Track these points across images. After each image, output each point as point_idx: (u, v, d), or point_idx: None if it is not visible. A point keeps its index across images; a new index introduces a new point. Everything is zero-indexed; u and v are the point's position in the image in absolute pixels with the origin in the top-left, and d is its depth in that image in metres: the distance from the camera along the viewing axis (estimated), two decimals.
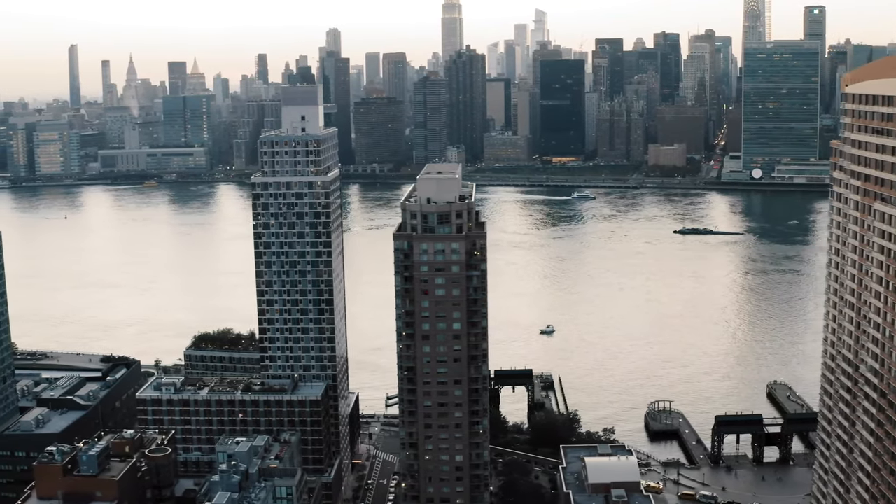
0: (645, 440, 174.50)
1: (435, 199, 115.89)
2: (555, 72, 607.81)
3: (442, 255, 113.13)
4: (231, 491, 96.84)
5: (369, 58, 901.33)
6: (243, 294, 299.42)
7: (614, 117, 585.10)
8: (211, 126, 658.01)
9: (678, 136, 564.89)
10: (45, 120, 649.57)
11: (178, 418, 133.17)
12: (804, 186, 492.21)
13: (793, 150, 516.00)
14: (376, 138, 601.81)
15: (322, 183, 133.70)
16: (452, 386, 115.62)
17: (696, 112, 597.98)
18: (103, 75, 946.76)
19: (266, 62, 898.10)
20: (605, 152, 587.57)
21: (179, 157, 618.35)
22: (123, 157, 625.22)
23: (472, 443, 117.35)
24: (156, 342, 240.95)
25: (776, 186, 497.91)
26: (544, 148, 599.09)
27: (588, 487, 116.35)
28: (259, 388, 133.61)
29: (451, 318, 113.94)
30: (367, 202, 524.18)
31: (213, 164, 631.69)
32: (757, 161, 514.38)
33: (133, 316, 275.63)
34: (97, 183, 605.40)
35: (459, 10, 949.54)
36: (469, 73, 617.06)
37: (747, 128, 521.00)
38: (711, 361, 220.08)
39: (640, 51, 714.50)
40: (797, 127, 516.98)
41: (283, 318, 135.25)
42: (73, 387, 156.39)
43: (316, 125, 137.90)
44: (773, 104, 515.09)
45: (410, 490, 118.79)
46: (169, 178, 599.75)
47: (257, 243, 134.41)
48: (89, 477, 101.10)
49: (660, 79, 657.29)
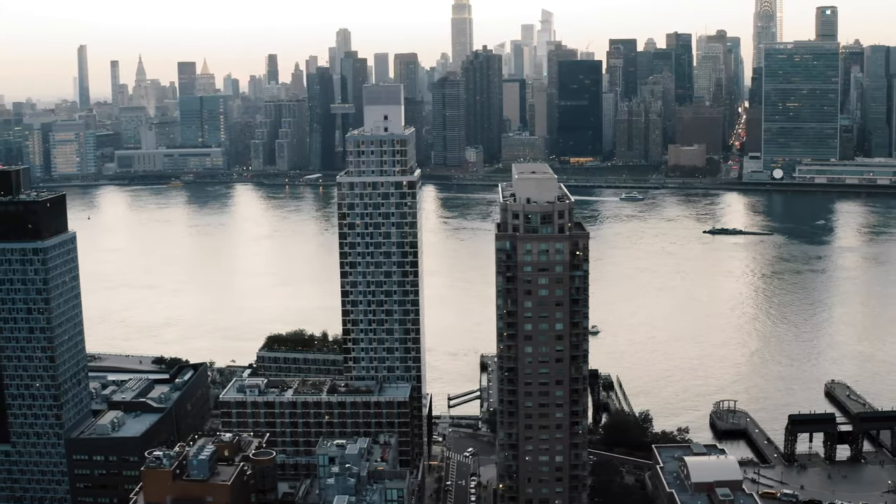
0: (710, 440, 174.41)
1: (535, 199, 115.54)
2: (572, 72, 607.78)
3: (545, 256, 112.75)
4: (348, 494, 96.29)
5: (378, 58, 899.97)
6: (282, 295, 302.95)
7: (632, 118, 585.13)
8: (227, 126, 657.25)
9: (696, 137, 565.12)
10: (61, 120, 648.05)
11: (262, 420, 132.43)
12: (825, 187, 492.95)
13: (812, 151, 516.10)
14: None
15: (408, 183, 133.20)
16: (554, 386, 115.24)
17: (714, 112, 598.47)
18: (112, 76, 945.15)
19: (276, 62, 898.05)
20: (624, 153, 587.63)
21: (196, 158, 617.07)
22: (140, 158, 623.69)
23: (572, 443, 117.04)
24: (198, 342, 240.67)
25: (797, 187, 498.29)
26: (562, 148, 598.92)
27: (690, 486, 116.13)
28: (344, 389, 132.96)
29: (554, 318, 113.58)
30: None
31: (229, 164, 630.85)
32: (777, 161, 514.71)
33: (171, 317, 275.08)
34: (114, 183, 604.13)
35: (469, 10, 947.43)
36: (486, 73, 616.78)
37: (767, 128, 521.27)
38: (763, 360, 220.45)
39: (653, 51, 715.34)
40: (817, 127, 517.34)
41: (368, 319, 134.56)
42: (143, 389, 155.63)
43: (399, 124, 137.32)
44: (794, 105, 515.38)
45: (508, 491, 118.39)
46: (187, 179, 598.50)
47: (342, 244, 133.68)
48: (200, 482, 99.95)
49: (674, 79, 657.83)
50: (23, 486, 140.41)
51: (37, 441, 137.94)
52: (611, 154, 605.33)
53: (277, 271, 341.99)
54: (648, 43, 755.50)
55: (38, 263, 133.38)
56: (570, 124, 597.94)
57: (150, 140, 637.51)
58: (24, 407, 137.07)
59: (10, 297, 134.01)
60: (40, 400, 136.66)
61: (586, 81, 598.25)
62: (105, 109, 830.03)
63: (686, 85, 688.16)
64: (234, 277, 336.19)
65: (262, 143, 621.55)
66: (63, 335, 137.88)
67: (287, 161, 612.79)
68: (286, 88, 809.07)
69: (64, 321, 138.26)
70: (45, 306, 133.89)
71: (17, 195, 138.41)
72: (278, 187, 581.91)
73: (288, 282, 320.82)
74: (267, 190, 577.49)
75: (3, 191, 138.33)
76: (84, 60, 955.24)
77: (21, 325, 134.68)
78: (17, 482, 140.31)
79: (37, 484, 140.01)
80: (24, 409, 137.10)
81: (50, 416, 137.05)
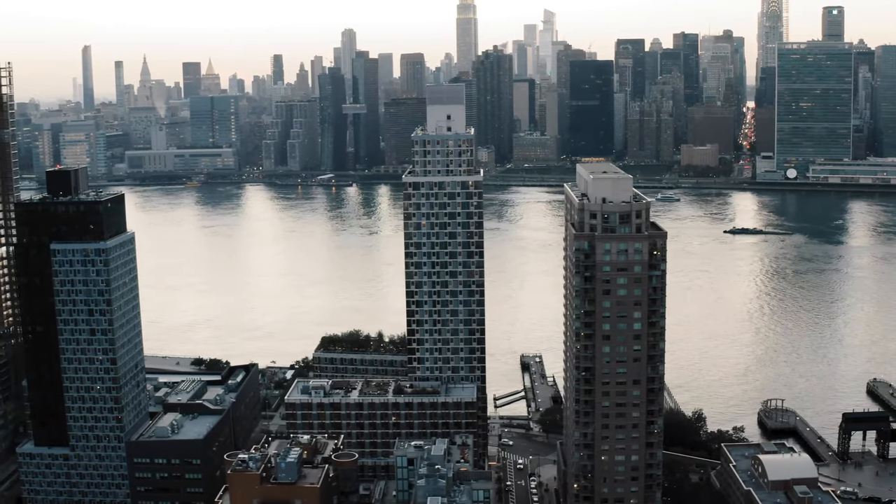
0: (759, 438, 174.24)
1: (611, 199, 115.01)
2: (583, 72, 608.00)
3: (624, 256, 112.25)
4: (440, 495, 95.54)
5: (382, 58, 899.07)
6: (307, 295, 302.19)
7: (644, 117, 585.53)
8: (237, 127, 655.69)
9: (707, 137, 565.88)
10: (71, 121, 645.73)
11: (328, 422, 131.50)
12: (838, 186, 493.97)
13: (825, 151, 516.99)
14: (406, 139, 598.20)
15: (474, 183, 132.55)
16: (631, 386, 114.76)
17: (726, 112, 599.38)
18: (116, 76, 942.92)
19: (282, 62, 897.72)
20: (635, 152, 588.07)
21: (207, 158, 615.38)
22: (150, 158, 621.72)
23: (648, 442, 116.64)
24: (231, 344, 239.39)
25: (811, 186, 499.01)
26: (573, 148, 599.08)
27: (767, 485, 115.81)
28: (410, 390, 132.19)
29: (632, 317, 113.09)
30: (400, 203, 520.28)
31: (240, 164, 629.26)
32: (790, 161, 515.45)
33: (199, 318, 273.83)
34: (125, 184, 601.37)
35: (474, 10, 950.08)
36: (496, 73, 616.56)
37: (780, 128, 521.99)
38: (801, 360, 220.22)
39: (661, 51, 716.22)
40: (830, 127, 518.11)
41: (433, 319, 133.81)
42: (197, 391, 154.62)
43: (461, 124, 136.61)
44: (806, 105, 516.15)
45: (584, 491, 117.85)
46: (198, 179, 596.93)
47: (407, 244, 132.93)
48: (288, 484, 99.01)
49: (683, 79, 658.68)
50: (81, 489, 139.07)
51: (97, 444, 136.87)
52: (622, 154, 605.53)
53: (301, 272, 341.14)
54: (654, 43, 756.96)
55: (101, 264, 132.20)
56: (581, 124, 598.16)
57: (161, 140, 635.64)
58: (83, 410, 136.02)
59: (70, 299, 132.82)
60: (101, 402, 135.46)
61: (598, 81, 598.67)
62: (110, 110, 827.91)
63: (694, 85, 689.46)
64: (257, 278, 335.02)
65: (274, 144, 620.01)
66: (123, 337, 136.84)
67: (299, 161, 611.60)
68: (292, 88, 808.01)
69: (124, 322, 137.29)
70: (107, 307, 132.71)
71: (77, 195, 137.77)
72: (290, 188, 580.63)
73: (312, 283, 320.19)
74: (279, 190, 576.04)
75: (63, 191, 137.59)
76: (88, 61, 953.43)
77: (82, 327, 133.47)
78: (76, 486, 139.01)
79: (96, 488, 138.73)
80: (84, 411, 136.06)
81: (111, 418, 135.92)
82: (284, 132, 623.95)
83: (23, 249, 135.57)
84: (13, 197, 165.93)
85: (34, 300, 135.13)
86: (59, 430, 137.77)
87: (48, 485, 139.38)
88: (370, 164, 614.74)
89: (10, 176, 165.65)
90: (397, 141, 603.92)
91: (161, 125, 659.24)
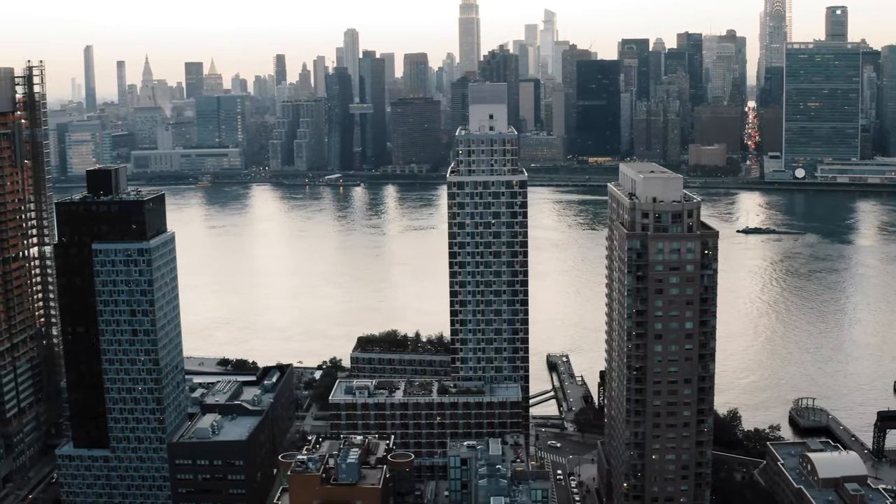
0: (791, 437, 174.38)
1: (661, 199, 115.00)
2: (590, 72, 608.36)
3: (677, 255, 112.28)
4: (502, 495, 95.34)
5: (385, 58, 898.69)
6: (323, 295, 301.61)
7: (651, 117, 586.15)
8: (244, 126, 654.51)
9: (714, 137, 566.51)
10: (77, 121, 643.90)
11: (372, 422, 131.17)
12: (846, 186, 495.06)
13: (832, 151, 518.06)
14: (413, 139, 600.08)
15: (519, 182, 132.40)
16: (682, 385, 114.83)
17: (732, 112, 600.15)
18: (118, 76, 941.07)
19: (284, 62, 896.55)
20: (642, 152, 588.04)
21: (214, 158, 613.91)
22: (156, 158, 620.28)
23: (698, 441, 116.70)
24: (253, 344, 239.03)
25: (819, 186, 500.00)
26: (580, 148, 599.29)
27: (818, 482, 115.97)
28: (455, 390, 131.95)
29: (684, 316, 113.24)
30: (408, 203, 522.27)
31: (246, 164, 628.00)
32: (798, 161, 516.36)
33: (217, 318, 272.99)
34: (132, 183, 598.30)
35: (477, 10, 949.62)
36: (503, 73, 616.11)
37: (788, 128, 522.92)
38: (825, 359, 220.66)
39: (664, 51, 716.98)
40: (838, 127, 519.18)
41: (476, 319, 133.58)
42: (234, 392, 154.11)
43: (504, 123, 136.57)
44: (815, 104, 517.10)
45: (633, 490, 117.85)
46: (206, 179, 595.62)
47: (451, 243, 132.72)
48: (349, 485, 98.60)
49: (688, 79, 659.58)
50: (121, 491, 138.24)
51: (138, 446, 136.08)
52: (628, 153, 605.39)
53: (313, 272, 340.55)
54: (657, 43, 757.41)
55: (144, 264, 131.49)
56: (588, 124, 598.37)
57: (167, 140, 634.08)
58: (125, 411, 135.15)
59: (112, 300, 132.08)
60: (142, 404, 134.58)
61: (605, 81, 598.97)
62: (113, 110, 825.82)
63: (698, 85, 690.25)
64: (270, 278, 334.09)
65: (281, 144, 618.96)
66: (165, 337, 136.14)
67: (306, 161, 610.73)
68: (295, 88, 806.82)
69: (166, 323, 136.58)
70: (149, 308, 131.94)
71: (118, 194, 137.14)
72: (297, 188, 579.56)
73: (325, 283, 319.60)
74: (286, 190, 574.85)
75: (104, 190, 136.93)
76: (90, 61, 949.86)
77: (124, 328, 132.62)
78: (116, 488, 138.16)
79: (136, 490, 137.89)
80: (126, 413, 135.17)
81: (152, 419, 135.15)
82: (291, 132, 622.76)
83: (63, 249, 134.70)
84: (46, 197, 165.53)
85: (75, 300, 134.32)
86: (99, 431, 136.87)
87: (87, 487, 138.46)
88: (377, 164, 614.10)
89: (44, 175, 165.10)
90: (404, 141, 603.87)
91: (167, 125, 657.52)
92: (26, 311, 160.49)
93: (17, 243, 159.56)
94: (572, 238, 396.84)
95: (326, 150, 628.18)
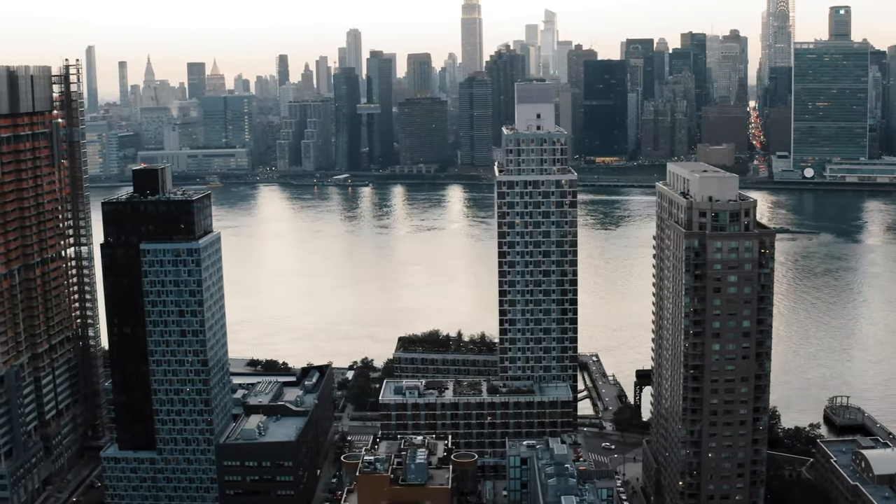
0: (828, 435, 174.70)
1: (717, 198, 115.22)
2: (597, 72, 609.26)
3: (735, 254, 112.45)
4: (573, 494, 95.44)
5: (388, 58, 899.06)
6: (344, 295, 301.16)
7: (658, 117, 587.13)
8: (251, 127, 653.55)
9: (721, 136, 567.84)
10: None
11: (422, 422, 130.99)
12: (855, 186, 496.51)
13: (841, 150, 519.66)
14: (420, 139, 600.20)
15: (568, 181, 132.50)
16: (739, 383, 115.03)
17: (739, 112, 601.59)
18: (120, 76, 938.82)
19: (287, 63, 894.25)
20: (650, 152, 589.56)
21: (221, 159, 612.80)
22: (163, 159, 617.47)
23: (754, 439, 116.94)
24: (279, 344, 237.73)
25: (829, 186, 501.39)
26: (588, 148, 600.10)
27: (873, 479, 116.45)
28: (505, 390, 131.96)
29: (742, 315, 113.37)
30: (416, 203, 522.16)
31: (253, 165, 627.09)
32: (807, 161, 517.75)
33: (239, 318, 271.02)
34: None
35: (479, 10, 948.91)
36: (509, 73, 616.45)
37: (797, 127, 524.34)
38: (850, 358, 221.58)
39: (669, 51, 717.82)
40: (846, 126, 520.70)
41: (525, 318, 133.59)
42: (276, 393, 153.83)
43: (551, 123, 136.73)
44: (823, 104, 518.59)
45: (689, 488, 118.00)
46: (215, 179, 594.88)
47: (501, 243, 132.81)
48: (419, 486, 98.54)
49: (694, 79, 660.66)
50: (168, 494, 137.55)
51: (185, 448, 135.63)
52: (635, 153, 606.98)
53: (329, 272, 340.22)
54: (661, 43, 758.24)
55: (192, 264, 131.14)
56: (596, 124, 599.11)
57: (174, 141, 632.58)
58: (172, 413, 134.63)
59: (161, 300, 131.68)
60: (190, 405, 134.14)
61: (612, 81, 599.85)
62: (117, 110, 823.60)
63: (702, 84, 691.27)
64: (286, 278, 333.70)
65: (289, 144, 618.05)
66: (212, 338, 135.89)
67: (313, 161, 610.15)
68: (297, 89, 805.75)
69: (213, 323, 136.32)
70: (198, 308, 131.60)
71: (165, 193, 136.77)
72: (305, 188, 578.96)
73: (342, 283, 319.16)
74: (294, 191, 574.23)
75: (150, 190, 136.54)
76: (92, 61, 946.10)
77: (172, 329, 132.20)
78: (163, 490, 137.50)
79: (183, 492, 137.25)
80: (173, 414, 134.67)
81: (200, 421, 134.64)
82: (298, 132, 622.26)
83: (110, 249, 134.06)
84: (83, 197, 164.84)
85: (122, 301, 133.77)
86: (145, 433, 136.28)
87: (133, 489, 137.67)
88: (384, 165, 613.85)
89: (81, 175, 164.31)
90: (411, 141, 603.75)
91: (174, 125, 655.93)
92: (63, 312, 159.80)
93: (55, 244, 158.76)
94: (584, 239, 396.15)
95: (334, 150, 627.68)
